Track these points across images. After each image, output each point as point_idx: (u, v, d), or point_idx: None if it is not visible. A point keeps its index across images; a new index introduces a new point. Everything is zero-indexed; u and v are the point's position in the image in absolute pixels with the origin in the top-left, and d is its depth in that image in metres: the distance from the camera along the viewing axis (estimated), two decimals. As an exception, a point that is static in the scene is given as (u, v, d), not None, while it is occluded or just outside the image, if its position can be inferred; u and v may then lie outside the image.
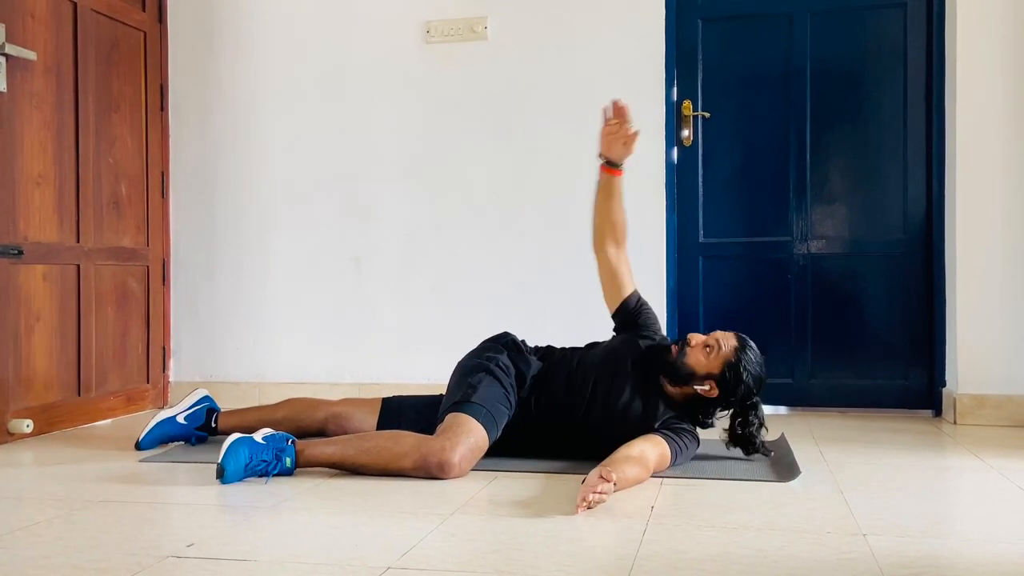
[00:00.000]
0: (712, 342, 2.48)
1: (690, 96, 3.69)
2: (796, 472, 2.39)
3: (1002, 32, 3.29)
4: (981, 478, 2.41)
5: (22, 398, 3.09)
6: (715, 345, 2.47)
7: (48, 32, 3.22)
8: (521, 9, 3.67)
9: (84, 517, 2.00)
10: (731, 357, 2.45)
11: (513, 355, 2.64)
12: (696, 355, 2.47)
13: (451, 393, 2.55)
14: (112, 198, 3.55)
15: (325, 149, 3.85)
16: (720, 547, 1.74)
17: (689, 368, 2.47)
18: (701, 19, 3.69)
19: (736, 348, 2.47)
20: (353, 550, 1.73)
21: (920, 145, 3.54)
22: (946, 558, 1.68)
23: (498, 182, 3.70)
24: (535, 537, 1.81)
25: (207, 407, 2.88)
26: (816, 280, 3.63)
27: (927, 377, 3.54)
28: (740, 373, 2.44)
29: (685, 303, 3.71)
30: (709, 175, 3.71)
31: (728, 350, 2.46)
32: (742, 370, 2.44)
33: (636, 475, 2.22)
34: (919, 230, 3.55)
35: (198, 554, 1.71)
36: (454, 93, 3.74)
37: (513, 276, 3.68)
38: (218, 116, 3.94)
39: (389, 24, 3.78)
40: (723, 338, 2.48)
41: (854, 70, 3.59)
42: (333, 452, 2.39)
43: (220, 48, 3.94)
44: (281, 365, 3.88)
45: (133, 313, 3.68)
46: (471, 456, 2.36)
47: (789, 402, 3.63)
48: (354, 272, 3.82)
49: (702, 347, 2.48)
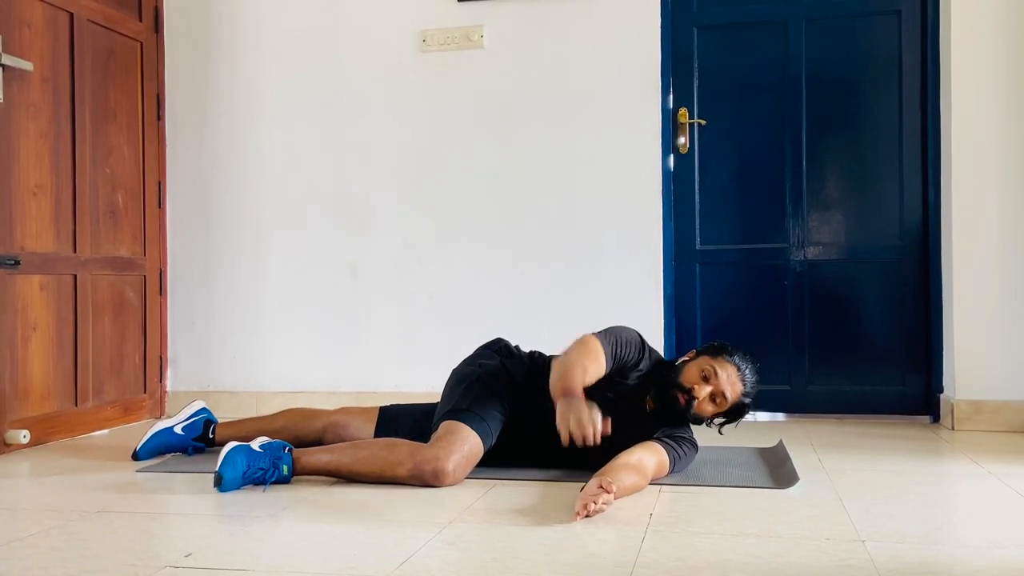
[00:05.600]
0: (718, 392, 2.40)
1: (686, 104, 3.70)
2: (794, 479, 2.39)
3: (996, 39, 3.30)
4: (979, 484, 2.41)
5: (19, 408, 3.08)
6: (721, 395, 2.40)
7: (45, 42, 3.23)
8: (517, 18, 3.68)
9: (81, 528, 1.99)
10: (738, 401, 2.42)
11: (506, 360, 2.64)
12: (704, 407, 2.42)
13: (445, 401, 2.56)
14: (109, 208, 3.54)
15: (321, 158, 3.85)
16: (719, 554, 1.74)
17: (699, 418, 2.45)
18: (696, 27, 3.71)
19: (741, 392, 2.41)
20: (351, 559, 1.73)
21: (915, 151, 3.55)
22: (945, 564, 1.68)
23: (495, 190, 3.71)
24: (533, 545, 1.81)
25: (204, 418, 2.87)
26: (813, 287, 3.64)
27: (924, 383, 3.54)
28: (747, 405, 2.44)
29: (682, 310, 3.72)
30: (705, 182, 3.71)
31: (734, 396, 2.40)
32: (748, 405, 2.45)
33: (634, 483, 2.21)
34: (915, 236, 3.56)
35: (196, 564, 1.70)
36: (451, 101, 3.74)
37: (510, 284, 3.68)
38: (215, 126, 3.94)
39: (385, 33, 3.79)
40: (727, 384, 2.39)
41: (849, 77, 3.60)
42: (329, 460, 2.39)
43: (217, 58, 3.94)
44: (278, 374, 3.88)
45: (130, 323, 3.67)
46: (465, 464, 2.36)
47: (787, 409, 3.63)
48: (351, 281, 3.82)
49: (708, 400, 2.41)
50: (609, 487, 2.02)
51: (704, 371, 2.40)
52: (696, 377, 2.41)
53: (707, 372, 2.40)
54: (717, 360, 2.41)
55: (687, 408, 2.40)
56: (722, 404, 2.42)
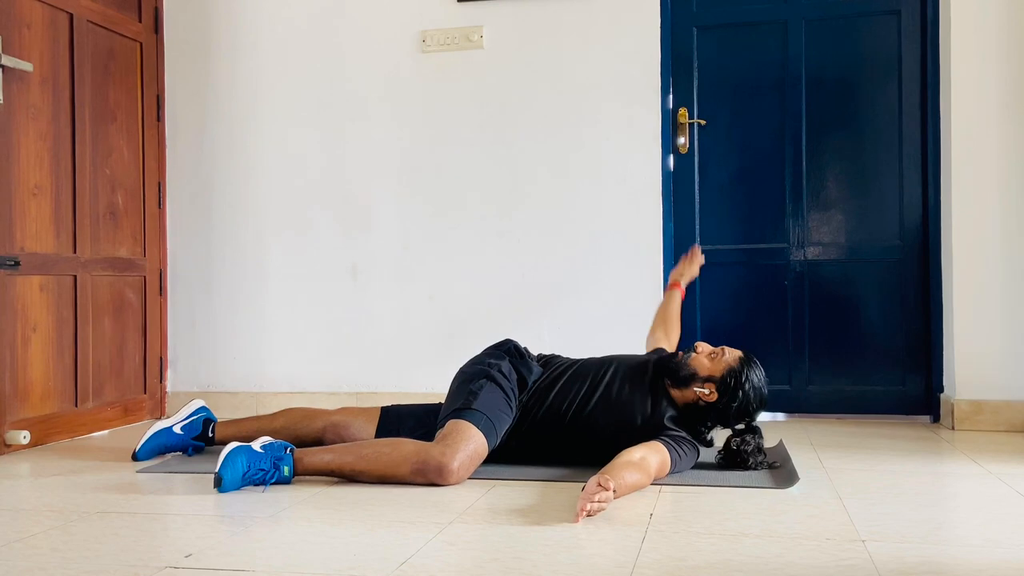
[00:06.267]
0: (718, 350, 2.54)
1: (686, 104, 3.70)
2: (795, 479, 2.39)
3: (996, 38, 3.30)
4: (979, 484, 2.41)
5: (19, 409, 3.08)
6: (720, 352, 2.53)
7: (44, 43, 3.23)
8: (517, 18, 3.68)
9: (81, 528, 1.99)
10: (734, 364, 2.50)
11: (515, 361, 2.64)
12: (700, 359, 2.52)
13: (452, 399, 2.55)
14: (109, 209, 3.55)
15: (321, 158, 3.86)
16: (719, 554, 1.74)
17: (691, 369, 2.50)
18: (696, 27, 3.71)
19: (741, 359, 2.52)
20: (352, 559, 1.73)
21: (915, 151, 3.55)
22: (945, 564, 1.68)
23: (495, 190, 3.71)
24: (534, 545, 1.81)
25: (204, 417, 2.87)
26: (813, 286, 3.64)
27: (924, 383, 3.54)
28: (741, 382, 2.46)
29: (683, 311, 3.70)
30: (706, 182, 3.71)
31: (732, 359, 2.52)
32: (744, 379, 2.46)
33: (636, 481, 2.21)
34: (915, 236, 3.56)
35: (196, 565, 1.70)
36: (450, 102, 3.74)
37: (510, 284, 3.68)
38: (214, 126, 3.94)
39: (385, 33, 3.79)
40: (729, 350, 2.55)
41: (849, 77, 3.60)
42: (331, 460, 2.39)
43: (216, 58, 3.94)
44: (278, 375, 3.88)
45: (130, 323, 3.67)
46: (470, 463, 2.36)
47: (787, 409, 3.63)
48: (351, 281, 3.82)
49: (707, 353, 2.54)
50: (607, 484, 2.01)
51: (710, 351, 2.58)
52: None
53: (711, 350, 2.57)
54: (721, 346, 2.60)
55: (684, 359, 2.51)
56: (719, 359, 2.50)
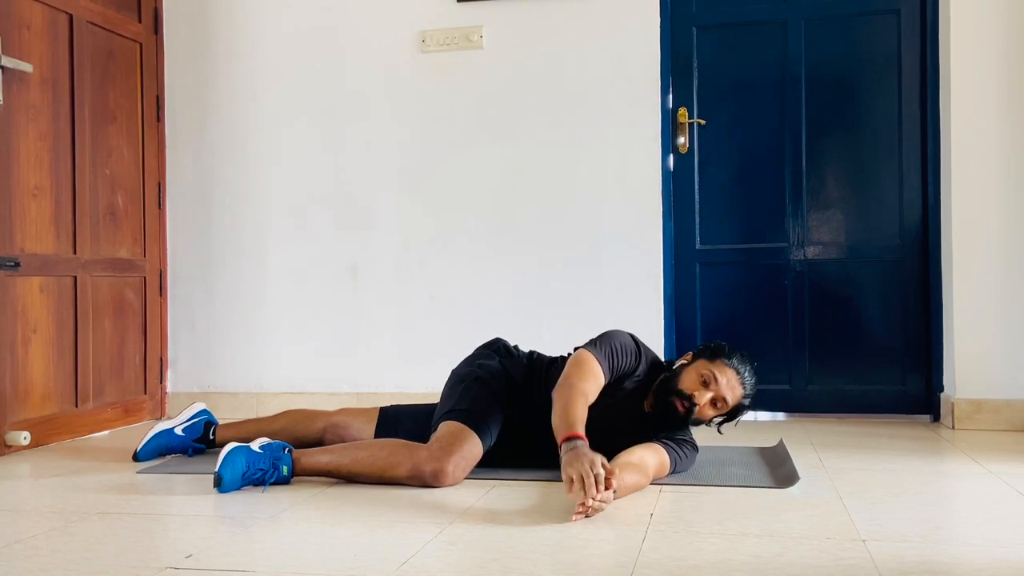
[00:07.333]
0: (719, 398, 2.39)
1: (686, 103, 3.70)
2: (795, 478, 2.39)
3: (995, 37, 3.30)
4: (980, 483, 2.40)
5: (19, 410, 3.08)
6: (721, 400, 2.40)
7: (44, 44, 3.23)
8: (517, 18, 3.68)
9: (82, 529, 1.99)
10: (738, 403, 2.42)
11: (504, 360, 2.65)
12: (705, 412, 2.41)
13: (444, 401, 2.56)
14: (109, 209, 3.55)
15: (321, 158, 3.86)
16: (719, 554, 1.74)
17: (701, 421, 2.45)
18: (696, 27, 3.71)
19: (741, 395, 2.40)
20: (352, 560, 1.73)
21: (915, 150, 3.55)
22: (945, 563, 1.68)
23: (495, 191, 3.71)
24: (534, 545, 1.81)
25: (205, 420, 2.87)
26: (813, 286, 3.64)
27: (924, 382, 3.54)
28: (745, 410, 2.45)
29: (682, 310, 3.72)
30: (705, 182, 3.71)
31: (735, 399, 2.40)
32: (747, 407, 2.45)
33: (635, 481, 2.21)
34: (915, 235, 3.56)
35: (196, 565, 1.70)
36: (450, 102, 3.74)
37: (510, 284, 3.68)
38: (214, 127, 3.94)
39: (385, 33, 3.79)
40: (727, 389, 2.38)
41: (849, 77, 3.60)
42: (329, 460, 2.39)
43: (216, 59, 3.94)
44: (279, 375, 3.88)
45: (130, 324, 3.67)
46: (465, 464, 2.36)
47: (787, 408, 3.63)
48: (351, 282, 3.82)
49: (710, 404, 2.41)
50: (610, 483, 2.01)
51: (703, 376, 2.39)
52: (696, 383, 2.39)
53: (707, 377, 2.39)
54: (716, 364, 2.40)
55: (687, 414, 2.40)
56: (723, 408, 2.42)
